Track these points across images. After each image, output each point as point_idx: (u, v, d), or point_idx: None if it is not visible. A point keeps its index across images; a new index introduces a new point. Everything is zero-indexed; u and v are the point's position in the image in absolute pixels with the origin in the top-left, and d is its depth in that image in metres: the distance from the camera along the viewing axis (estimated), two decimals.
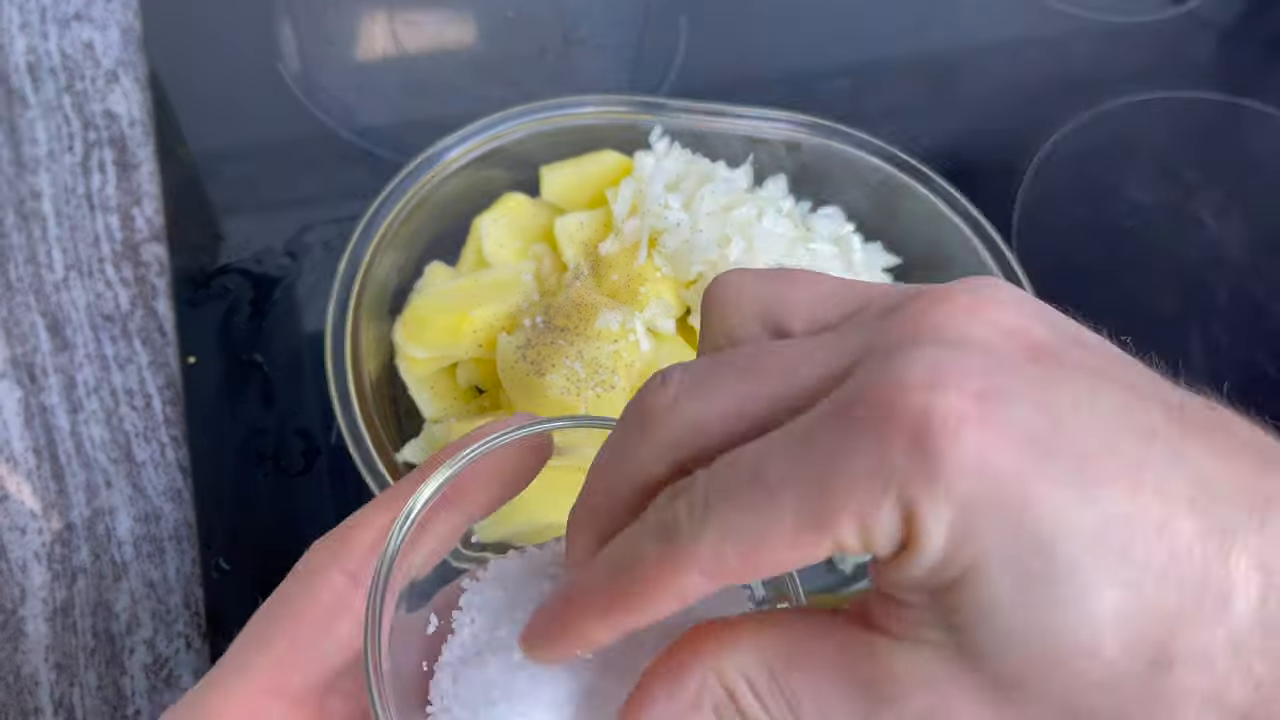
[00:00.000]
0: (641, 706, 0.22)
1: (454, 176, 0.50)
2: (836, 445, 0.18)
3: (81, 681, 0.45)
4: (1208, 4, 0.70)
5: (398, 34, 0.65)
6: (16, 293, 0.53)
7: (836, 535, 0.18)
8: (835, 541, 0.19)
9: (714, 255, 0.47)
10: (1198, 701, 0.19)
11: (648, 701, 0.22)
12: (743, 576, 0.20)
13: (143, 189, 0.57)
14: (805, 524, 0.19)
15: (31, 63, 0.61)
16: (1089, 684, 0.19)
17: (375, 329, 0.46)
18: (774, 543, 0.19)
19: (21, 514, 0.48)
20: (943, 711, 0.20)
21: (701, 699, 0.22)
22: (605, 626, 0.21)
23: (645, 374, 0.44)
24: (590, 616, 0.22)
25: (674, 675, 0.22)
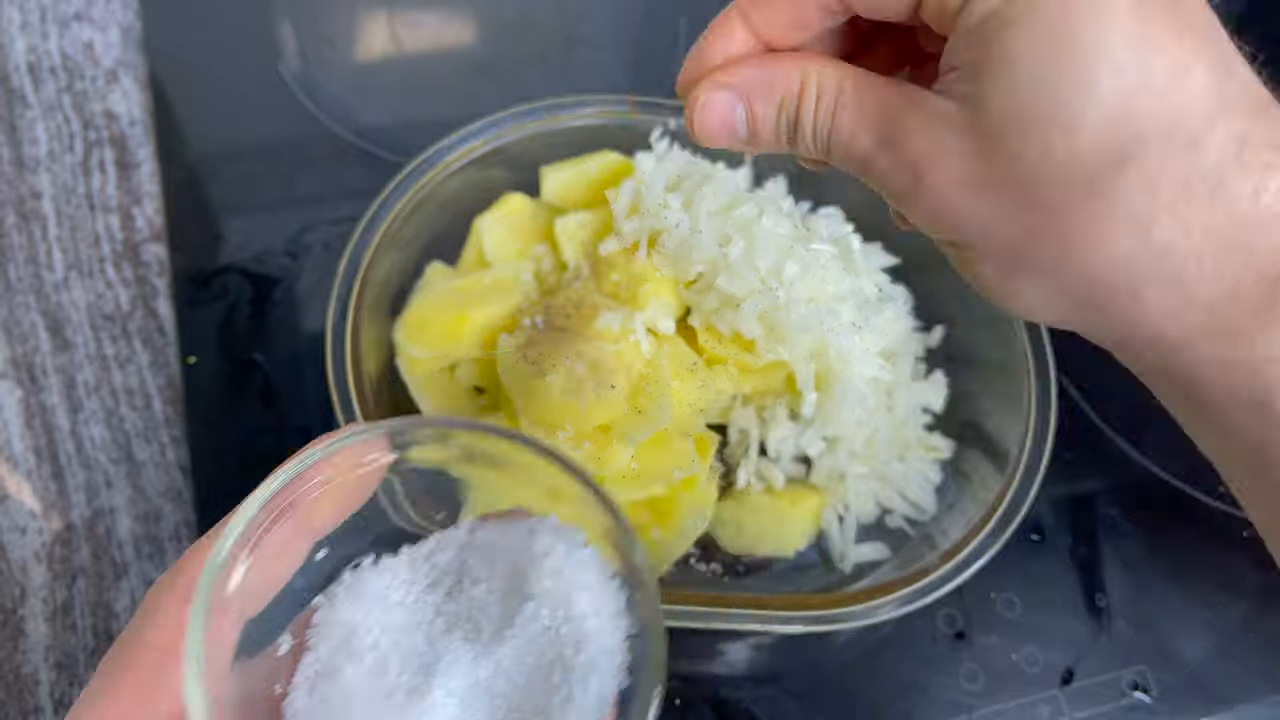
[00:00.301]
0: (734, 71, 0.29)
1: (454, 177, 0.50)
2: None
3: (82, 681, 0.45)
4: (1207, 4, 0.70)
5: (398, 34, 0.65)
6: (16, 293, 0.53)
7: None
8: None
9: (714, 255, 0.47)
10: (1125, 218, 0.24)
11: (741, 67, 0.29)
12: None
13: (143, 189, 0.57)
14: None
15: (32, 63, 0.61)
16: (1054, 159, 0.23)
17: (375, 329, 0.46)
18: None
19: (22, 514, 0.48)
20: (929, 159, 0.25)
21: (779, 87, 0.28)
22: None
23: (645, 374, 0.44)
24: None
25: (770, 62, 0.28)
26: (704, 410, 0.47)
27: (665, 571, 0.45)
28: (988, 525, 0.42)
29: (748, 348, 0.47)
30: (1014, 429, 0.45)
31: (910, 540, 0.46)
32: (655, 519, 0.44)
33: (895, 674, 0.45)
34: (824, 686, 0.45)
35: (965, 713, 0.45)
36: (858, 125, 0.27)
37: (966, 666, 0.46)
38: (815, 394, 0.47)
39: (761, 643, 0.46)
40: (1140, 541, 0.49)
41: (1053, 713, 0.45)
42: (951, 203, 0.25)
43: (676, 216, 0.48)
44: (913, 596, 0.41)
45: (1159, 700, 0.45)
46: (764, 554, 0.46)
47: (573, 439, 0.43)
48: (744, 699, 0.45)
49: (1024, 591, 0.47)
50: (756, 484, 0.47)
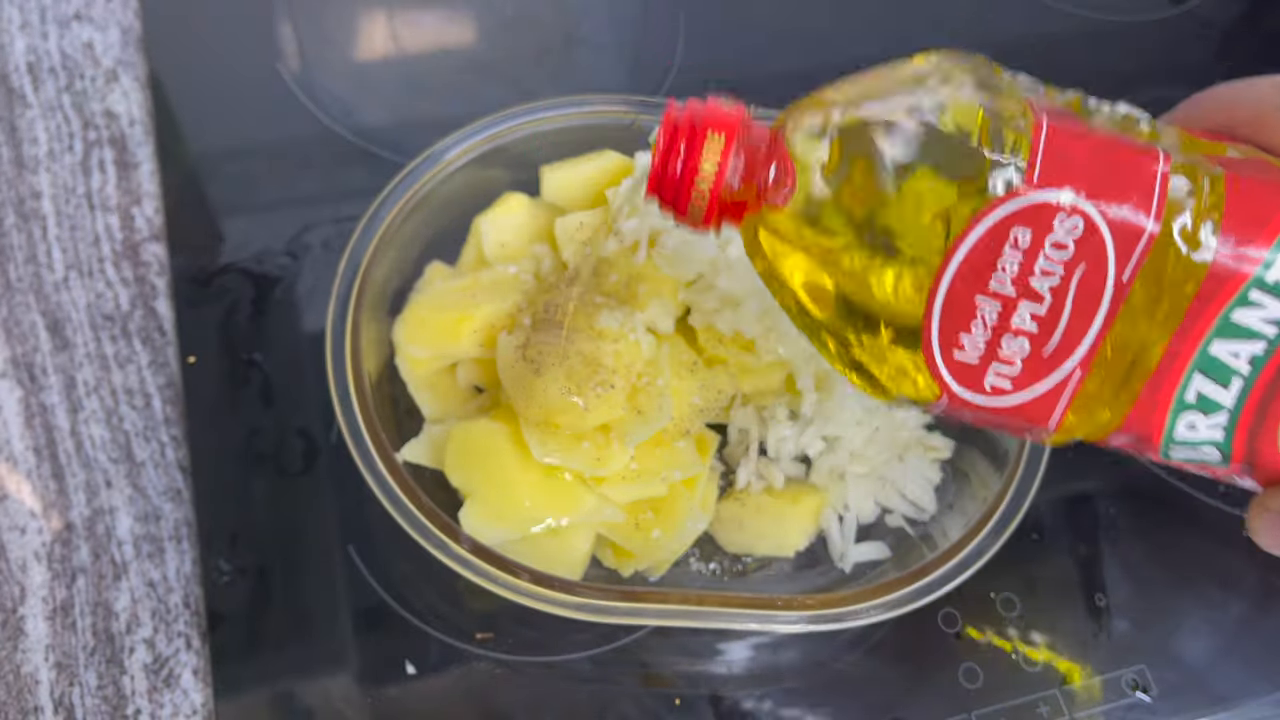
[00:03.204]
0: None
1: (454, 176, 0.50)
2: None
3: (81, 681, 0.45)
4: (1207, 4, 0.70)
5: (398, 34, 0.65)
6: (16, 292, 0.53)
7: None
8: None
9: (714, 255, 0.47)
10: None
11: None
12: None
13: (143, 189, 0.57)
14: None
15: (31, 62, 0.61)
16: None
17: (375, 328, 0.46)
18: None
19: (21, 513, 0.48)
20: None
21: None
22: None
23: (645, 374, 0.44)
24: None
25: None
26: (704, 410, 0.47)
27: (665, 571, 0.45)
28: (987, 525, 0.42)
29: (748, 348, 0.47)
30: None
31: (910, 540, 0.46)
32: (655, 519, 0.44)
33: (894, 673, 0.46)
34: (823, 686, 0.45)
35: (964, 712, 0.45)
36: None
37: (966, 666, 0.46)
38: (815, 394, 0.47)
39: (761, 642, 0.46)
40: (1140, 541, 0.50)
41: (1052, 712, 0.45)
42: None
43: None
44: (912, 596, 0.41)
45: (1159, 700, 0.46)
46: (764, 553, 0.47)
47: (572, 439, 0.43)
48: (743, 698, 0.45)
49: (1023, 591, 0.47)
50: (756, 484, 0.47)
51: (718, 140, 0.30)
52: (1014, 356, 0.28)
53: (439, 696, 0.44)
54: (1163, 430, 0.28)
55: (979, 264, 0.27)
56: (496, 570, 0.40)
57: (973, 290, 0.27)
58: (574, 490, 0.43)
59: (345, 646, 0.45)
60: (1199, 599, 0.48)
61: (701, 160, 0.30)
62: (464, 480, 0.43)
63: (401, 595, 0.46)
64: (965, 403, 0.29)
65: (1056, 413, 0.29)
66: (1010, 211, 0.26)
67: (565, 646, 0.45)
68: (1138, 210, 0.26)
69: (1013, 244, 0.27)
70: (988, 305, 0.27)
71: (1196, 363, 0.27)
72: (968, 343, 0.28)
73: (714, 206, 0.31)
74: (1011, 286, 0.27)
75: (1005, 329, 0.28)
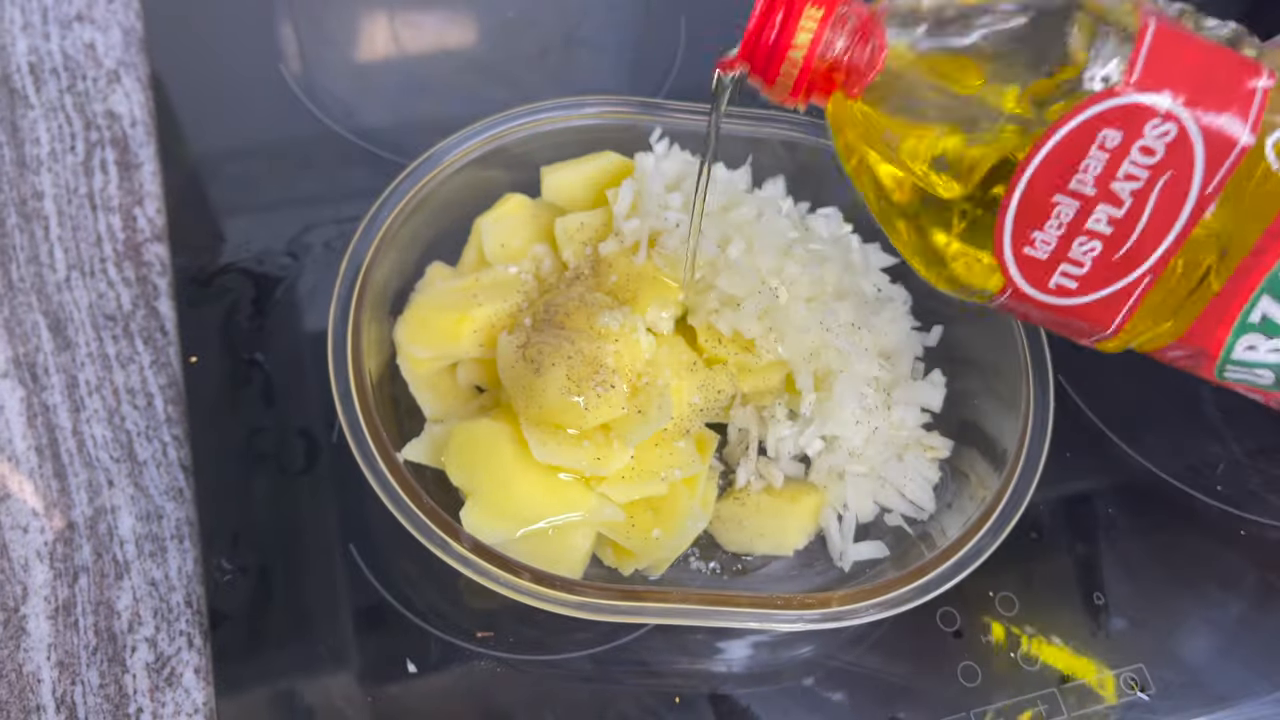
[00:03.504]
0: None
1: (455, 177, 0.50)
2: None
3: (83, 680, 0.45)
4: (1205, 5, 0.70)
5: (398, 35, 0.65)
6: (19, 292, 0.53)
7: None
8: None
9: (714, 255, 0.48)
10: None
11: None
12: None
13: (144, 189, 0.57)
14: None
15: (33, 63, 0.61)
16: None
17: (376, 328, 0.46)
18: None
19: (24, 513, 0.48)
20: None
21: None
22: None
23: (645, 374, 0.45)
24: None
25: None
26: (703, 410, 0.47)
27: (665, 570, 0.45)
28: (986, 524, 0.43)
29: (747, 348, 0.47)
30: (1012, 428, 0.45)
31: (909, 539, 0.46)
32: (655, 518, 0.45)
33: (893, 672, 0.46)
34: (823, 684, 0.45)
35: (963, 711, 0.45)
36: None
37: (964, 665, 0.46)
38: (814, 393, 0.47)
39: (761, 641, 0.46)
40: (1138, 540, 0.50)
41: (1050, 711, 0.45)
42: None
43: (676, 217, 0.49)
44: (911, 595, 0.41)
45: (1157, 699, 0.46)
46: (763, 552, 0.47)
47: (572, 439, 0.43)
48: (743, 696, 0.45)
49: (1022, 590, 0.48)
50: (756, 483, 0.47)
51: (816, 10, 0.29)
52: (1084, 258, 0.28)
53: (440, 695, 0.44)
54: (1222, 347, 0.28)
55: (1062, 162, 0.27)
56: (497, 569, 0.40)
57: (1052, 188, 0.27)
58: (574, 489, 0.43)
59: (346, 645, 0.45)
60: (1198, 598, 0.48)
61: (798, 28, 0.29)
62: (465, 479, 0.43)
63: (402, 594, 0.46)
64: (1029, 298, 0.29)
65: (1119, 317, 0.29)
66: (1102, 111, 0.26)
67: (566, 645, 0.45)
68: (1234, 121, 0.26)
69: (1100, 145, 0.26)
70: (1065, 204, 0.27)
71: (1266, 284, 0.27)
72: (1039, 240, 0.28)
73: (804, 77, 0.30)
74: (1092, 187, 0.27)
75: (1079, 230, 0.28)
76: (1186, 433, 0.53)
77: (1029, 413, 0.45)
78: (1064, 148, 0.27)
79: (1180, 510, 0.51)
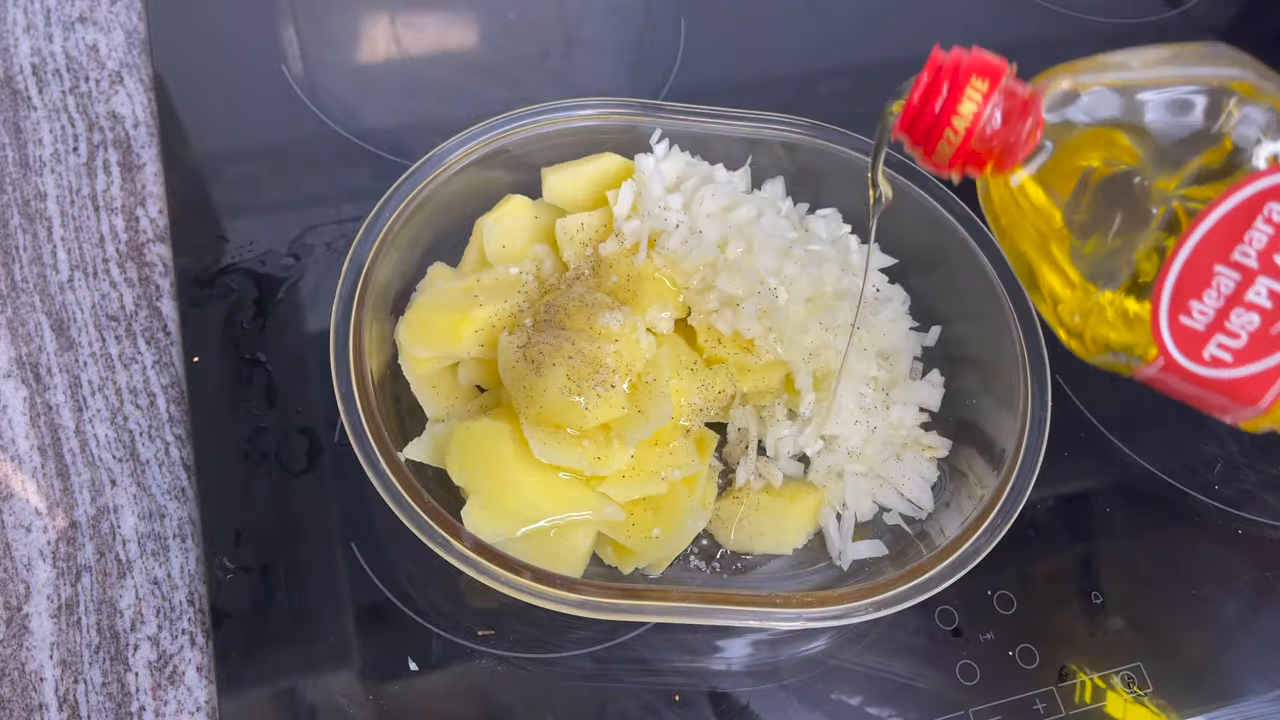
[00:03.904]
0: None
1: (456, 178, 0.50)
2: None
3: (86, 678, 0.45)
4: (1204, 6, 0.70)
5: (400, 36, 0.65)
6: (22, 293, 0.54)
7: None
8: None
9: (713, 256, 0.48)
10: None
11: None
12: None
13: (147, 190, 0.57)
14: None
15: (36, 64, 0.61)
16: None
17: (378, 329, 0.47)
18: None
19: (26, 512, 0.48)
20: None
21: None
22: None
23: (645, 374, 0.45)
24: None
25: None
26: (703, 409, 0.47)
27: (665, 569, 0.46)
28: (984, 523, 0.43)
29: (747, 348, 0.48)
30: (1010, 427, 0.45)
31: (907, 538, 0.47)
32: (655, 517, 0.45)
33: (892, 670, 0.46)
34: (821, 682, 0.45)
35: (962, 709, 0.45)
36: None
37: (963, 663, 0.46)
38: (813, 393, 0.47)
39: (760, 639, 0.47)
40: (1136, 539, 0.50)
41: (1048, 709, 0.45)
42: None
43: (676, 218, 0.49)
44: (909, 593, 0.41)
45: (1154, 697, 0.46)
46: (762, 551, 0.47)
47: (573, 438, 0.43)
48: (742, 695, 0.45)
49: (1020, 589, 0.48)
50: (755, 482, 0.47)
51: (981, 85, 0.30)
52: (1242, 329, 0.29)
53: (441, 693, 0.45)
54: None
55: (1226, 233, 0.28)
56: (498, 568, 0.40)
57: (1214, 258, 0.28)
58: (575, 489, 0.43)
59: (348, 643, 0.45)
60: (1195, 597, 0.49)
61: (962, 101, 0.30)
62: (466, 479, 0.44)
63: (404, 593, 0.46)
64: (1181, 369, 0.30)
65: (1271, 393, 0.29)
66: (1269, 185, 0.27)
67: (566, 643, 0.46)
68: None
69: (1265, 218, 0.27)
70: (1226, 275, 0.28)
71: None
72: (1197, 310, 0.29)
73: (964, 149, 0.31)
74: (1255, 259, 0.28)
75: (1238, 301, 0.28)
76: (1184, 432, 0.53)
77: (1027, 412, 0.45)
78: (1230, 220, 0.28)
79: (1178, 509, 0.51)
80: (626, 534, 0.44)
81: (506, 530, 0.43)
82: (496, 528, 0.42)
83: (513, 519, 0.43)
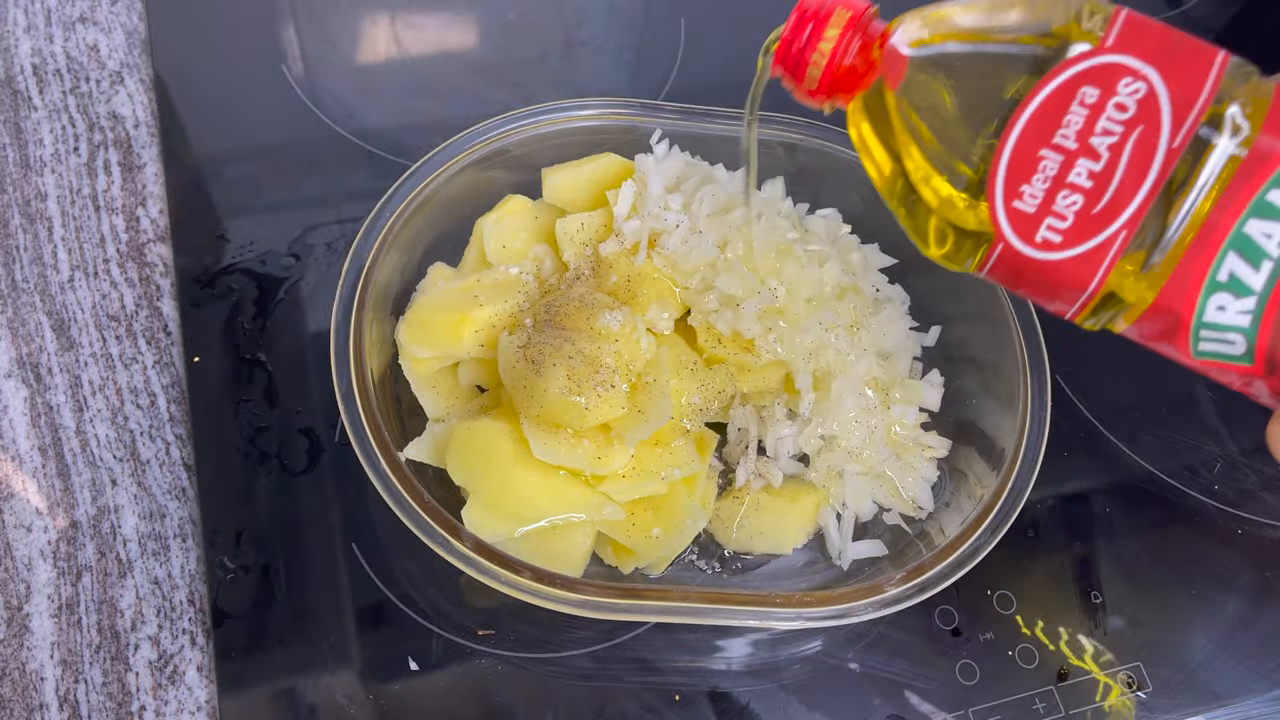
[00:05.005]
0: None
1: (456, 178, 0.50)
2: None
3: (86, 678, 0.45)
4: (1203, 6, 0.70)
5: (400, 37, 0.66)
6: (22, 293, 0.54)
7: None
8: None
9: (713, 256, 0.48)
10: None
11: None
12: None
13: (147, 190, 0.57)
14: None
15: (37, 65, 0.61)
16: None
17: (378, 329, 0.47)
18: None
19: (27, 512, 0.48)
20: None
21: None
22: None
23: (645, 374, 0.45)
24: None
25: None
26: (703, 409, 0.47)
27: (665, 568, 0.46)
28: (984, 523, 0.43)
29: (747, 347, 0.48)
30: (1010, 427, 0.45)
31: (907, 537, 0.47)
32: (655, 517, 0.45)
33: (892, 670, 0.46)
34: (821, 682, 0.45)
35: (961, 708, 0.45)
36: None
37: (963, 663, 0.46)
38: (813, 393, 0.47)
39: (760, 639, 0.47)
40: (1135, 539, 0.50)
41: (1048, 709, 0.45)
42: None
43: (676, 218, 0.49)
44: (909, 593, 0.41)
45: (1154, 696, 0.46)
46: (762, 551, 0.47)
47: (573, 438, 0.43)
48: (742, 694, 0.45)
49: (1020, 589, 0.48)
50: (755, 482, 0.47)
51: (845, 14, 0.34)
52: (1067, 210, 0.30)
53: (441, 692, 0.45)
54: (1194, 309, 0.30)
55: (1048, 119, 0.30)
56: (498, 567, 0.40)
57: (1039, 143, 0.30)
58: (575, 488, 0.43)
59: (348, 643, 0.45)
60: (1195, 597, 0.49)
61: (826, 31, 0.34)
62: (466, 478, 0.44)
63: (404, 592, 0.46)
64: (1016, 254, 0.31)
65: (1098, 274, 0.31)
66: (1082, 69, 0.30)
67: (566, 643, 0.46)
68: (1195, 82, 0.29)
69: (1080, 101, 0.30)
70: (1050, 158, 0.30)
71: (1232, 240, 0.29)
72: (1028, 194, 0.31)
73: (829, 75, 0.34)
74: (1074, 141, 0.30)
75: (1062, 183, 0.30)
76: (1183, 432, 0.53)
77: (1027, 412, 0.45)
78: (1049, 106, 0.30)
79: (1177, 509, 0.51)
80: (626, 534, 0.44)
81: (506, 530, 0.43)
82: (496, 527, 0.43)
83: (513, 519, 0.43)
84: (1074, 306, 0.32)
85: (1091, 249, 0.30)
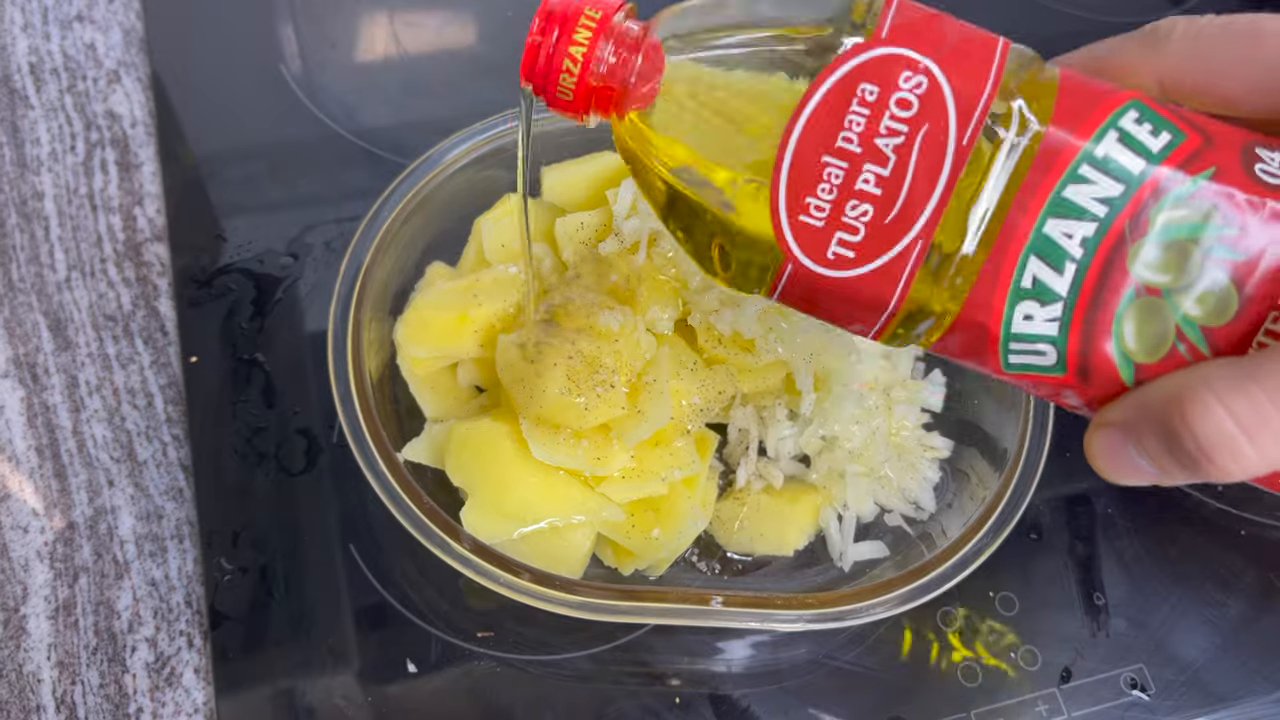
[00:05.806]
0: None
1: (455, 177, 0.50)
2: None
3: (83, 680, 0.45)
4: (1204, 5, 0.70)
5: (399, 35, 0.65)
6: (19, 293, 0.53)
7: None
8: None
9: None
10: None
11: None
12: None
13: (144, 189, 0.57)
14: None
15: (34, 63, 0.61)
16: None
17: (376, 328, 0.46)
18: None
19: (24, 513, 0.48)
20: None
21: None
22: None
23: (645, 374, 0.45)
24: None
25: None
26: (703, 410, 0.47)
27: (665, 570, 0.45)
28: (986, 524, 0.43)
29: (748, 348, 0.47)
30: (1012, 428, 0.45)
31: (909, 539, 0.46)
32: (655, 518, 0.45)
33: (893, 672, 0.46)
34: (823, 684, 0.45)
35: (963, 711, 0.45)
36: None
37: (965, 665, 0.46)
38: (814, 394, 0.47)
39: (761, 641, 0.46)
40: (1138, 540, 0.50)
41: (1051, 711, 0.45)
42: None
43: None
44: (911, 595, 0.41)
45: (1157, 698, 0.46)
46: (763, 552, 0.47)
47: (572, 438, 0.43)
48: (743, 697, 0.45)
49: (1022, 590, 0.48)
50: (756, 483, 0.47)
51: (592, 19, 0.29)
52: (858, 222, 0.27)
53: (440, 695, 0.44)
54: (1001, 320, 0.27)
55: (827, 120, 0.27)
56: (497, 569, 0.40)
57: (819, 149, 0.27)
58: (574, 489, 0.43)
59: (346, 645, 0.45)
60: (1197, 598, 0.48)
61: (572, 41, 0.30)
62: (465, 479, 0.44)
63: (403, 594, 0.46)
64: (809, 274, 0.28)
65: (897, 289, 0.28)
66: (857, 64, 0.26)
67: (566, 645, 0.45)
68: (978, 74, 0.26)
69: (860, 100, 0.26)
70: (834, 165, 0.27)
71: (1032, 243, 0.27)
72: (814, 207, 0.27)
73: (582, 89, 0.30)
74: (858, 144, 0.27)
75: (850, 191, 0.27)
76: None
77: (1029, 412, 0.45)
78: (828, 104, 0.27)
79: (1180, 510, 0.51)
80: (626, 535, 0.44)
81: (505, 531, 0.42)
82: (495, 529, 0.42)
83: (512, 520, 0.43)
84: (874, 327, 0.29)
85: (887, 262, 0.27)
